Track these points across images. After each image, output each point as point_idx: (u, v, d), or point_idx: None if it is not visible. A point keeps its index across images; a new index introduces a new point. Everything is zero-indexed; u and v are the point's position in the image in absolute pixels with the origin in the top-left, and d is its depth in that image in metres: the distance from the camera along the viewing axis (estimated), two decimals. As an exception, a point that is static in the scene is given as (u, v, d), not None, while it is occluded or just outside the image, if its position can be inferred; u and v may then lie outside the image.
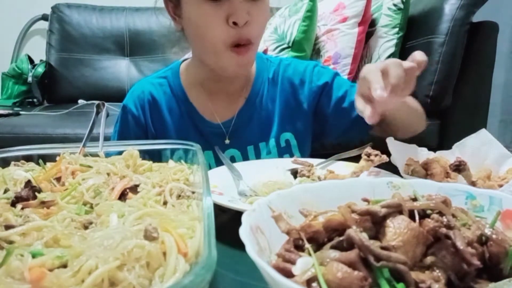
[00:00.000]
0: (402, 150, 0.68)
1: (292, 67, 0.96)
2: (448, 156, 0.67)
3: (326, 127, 0.96)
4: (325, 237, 0.33)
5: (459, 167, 0.60)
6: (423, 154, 0.69)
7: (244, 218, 0.33)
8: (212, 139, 0.90)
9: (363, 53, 1.77)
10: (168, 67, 0.99)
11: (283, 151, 0.93)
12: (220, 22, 0.78)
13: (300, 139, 0.93)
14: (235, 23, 0.77)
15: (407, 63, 0.62)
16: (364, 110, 0.62)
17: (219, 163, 0.80)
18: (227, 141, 0.91)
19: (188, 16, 0.82)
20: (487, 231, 0.31)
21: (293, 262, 0.29)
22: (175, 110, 0.92)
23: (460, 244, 0.29)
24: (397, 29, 1.68)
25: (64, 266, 0.30)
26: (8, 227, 0.35)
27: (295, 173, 0.71)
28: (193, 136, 0.90)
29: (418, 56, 0.63)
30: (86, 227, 0.37)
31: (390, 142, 0.68)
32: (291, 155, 0.90)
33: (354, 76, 1.77)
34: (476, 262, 0.28)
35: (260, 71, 0.95)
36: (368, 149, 0.67)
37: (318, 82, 0.93)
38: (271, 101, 0.94)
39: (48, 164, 0.53)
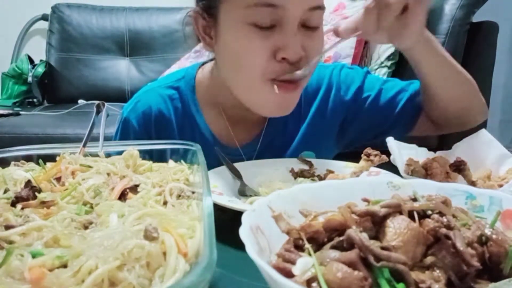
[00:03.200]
0: (402, 150, 0.68)
1: (315, 73, 0.81)
2: (448, 156, 0.66)
3: (358, 132, 0.85)
4: (325, 237, 0.33)
5: (459, 167, 0.60)
6: (423, 154, 0.69)
7: (244, 218, 0.33)
8: None
9: (363, 53, 1.77)
10: (181, 74, 0.85)
11: None
12: (265, 55, 0.62)
13: (321, 154, 0.80)
14: (284, 59, 0.62)
15: None
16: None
17: None
18: None
19: (226, 41, 0.68)
20: (487, 231, 0.31)
21: (293, 262, 0.29)
22: (187, 131, 0.80)
23: (460, 245, 0.29)
24: (397, 29, 1.67)
25: (64, 266, 0.30)
26: (8, 227, 0.35)
27: (295, 173, 0.71)
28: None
29: None
30: (86, 227, 0.37)
31: (390, 142, 0.68)
32: None
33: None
34: (476, 263, 0.28)
35: None
36: (368, 149, 0.67)
37: (349, 91, 0.81)
38: (296, 120, 0.81)
39: (48, 164, 0.53)
